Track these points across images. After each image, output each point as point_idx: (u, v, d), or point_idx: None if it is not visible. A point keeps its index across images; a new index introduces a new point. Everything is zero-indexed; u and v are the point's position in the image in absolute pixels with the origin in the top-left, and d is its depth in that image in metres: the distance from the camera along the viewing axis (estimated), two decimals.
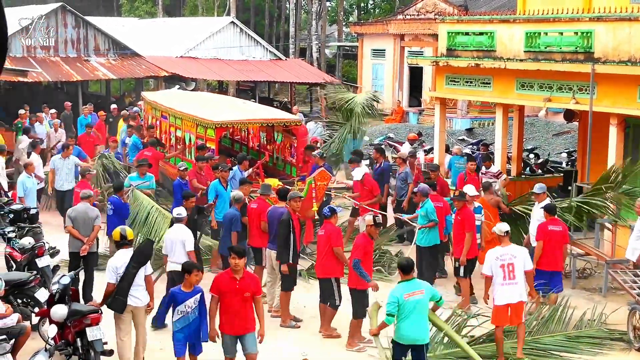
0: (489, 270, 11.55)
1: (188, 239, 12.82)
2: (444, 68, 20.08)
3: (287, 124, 19.10)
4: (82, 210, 14.25)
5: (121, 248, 11.41)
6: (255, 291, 10.24)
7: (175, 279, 12.51)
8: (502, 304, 11.41)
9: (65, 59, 31.06)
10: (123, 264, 11.08)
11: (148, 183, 17.14)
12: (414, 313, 10.07)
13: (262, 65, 37.32)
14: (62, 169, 18.81)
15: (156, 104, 21.89)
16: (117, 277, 11.05)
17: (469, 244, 13.93)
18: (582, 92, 16.49)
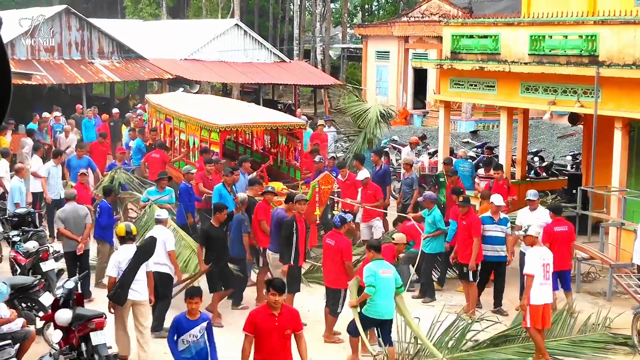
0: (532, 269, 11.53)
1: (168, 240, 12.88)
2: (448, 71, 20.07)
3: (292, 128, 19.09)
4: (71, 210, 14.49)
5: (125, 243, 11.99)
6: (296, 327, 9.00)
7: (157, 280, 12.50)
8: (539, 304, 11.47)
9: (69, 62, 31.10)
10: (125, 259, 11.52)
11: (167, 197, 16.19)
12: (385, 290, 11.05)
13: (266, 67, 37.34)
14: (55, 176, 18.51)
15: (160, 107, 21.90)
16: (119, 271, 11.50)
17: (477, 249, 13.88)
18: (587, 96, 16.48)
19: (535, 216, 14.12)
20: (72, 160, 19.53)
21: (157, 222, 13.17)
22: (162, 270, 12.72)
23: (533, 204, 14.51)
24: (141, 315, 11.74)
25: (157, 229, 13.02)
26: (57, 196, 18.12)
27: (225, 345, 11.01)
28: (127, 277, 11.45)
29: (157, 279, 12.59)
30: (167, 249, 12.78)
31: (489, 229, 14.06)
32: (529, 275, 11.57)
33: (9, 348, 9.80)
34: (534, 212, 14.34)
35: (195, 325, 9.49)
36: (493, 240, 14.04)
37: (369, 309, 11.08)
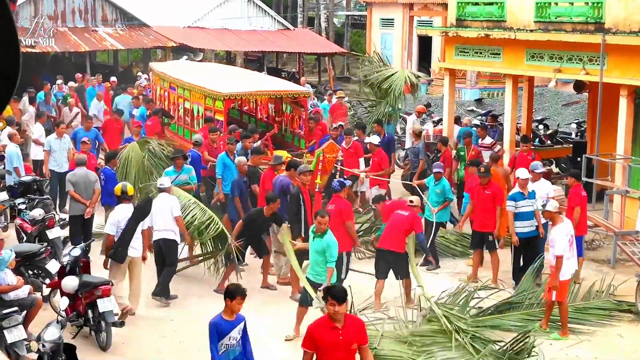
0: (561, 248, 11.39)
1: (175, 205, 12.96)
2: (454, 38, 19.98)
3: (296, 96, 19.06)
4: (82, 174, 14.68)
5: (121, 203, 12.46)
6: (362, 339, 7.78)
7: (163, 247, 12.75)
8: (568, 278, 11.53)
9: (73, 29, 31.01)
10: (124, 218, 12.05)
11: (187, 177, 15.17)
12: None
13: (270, 35, 37.19)
14: (59, 149, 17.88)
15: (164, 75, 21.85)
16: (117, 229, 12.00)
17: (500, 217, 13.85)
18: (593, 63, 16.41)
19: (535, 187, 13.97)
20: (79, 133, 19.04)
21: (160, 190, 13.19)
22: (169, 236, 12.81)
23: (536, 177, 14.35)
24: (136, 269, 12.30)
25: (161, 197, 13.07)
26: (61, 169, 17.55)
27: None
28: (127, 235, 11.95)
29: (163, 245, 12.76)
30: (174, 215, 12.85)
31: (521, 205, 13.48)
32: (559, 256, 11.39)
33: (16, 315, 9.87)
34: (534, 184, 14.15)
35: (234, 327, 8.48)
36: (525, 216, 13.49)
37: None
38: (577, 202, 13.63)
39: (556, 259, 11.45)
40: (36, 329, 10.12)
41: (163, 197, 13.05)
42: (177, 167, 15.15)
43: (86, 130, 18.94)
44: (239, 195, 14.52)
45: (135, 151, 17.45)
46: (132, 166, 17.05)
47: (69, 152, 17.89)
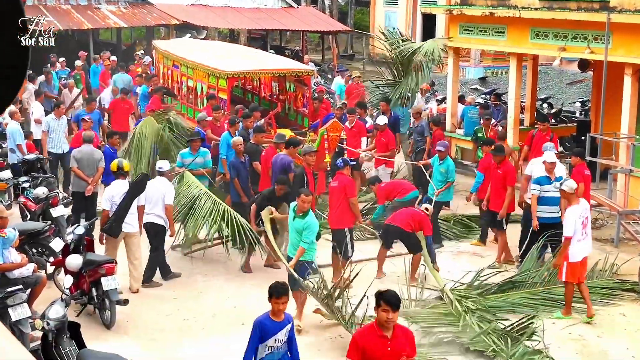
0: (571, 230, 11.26)
1: (168, 192, 12.83)
2: (458, 17, 19.90)
3: (300, 74, 19.02)
4: (87, 151, 14.70)
5: (117, 178, 12.71)
6: (411, 352, 7.26)
7: (151, 231, 12.75)
8: (578, 260, 11.38)
9: (75, 7, 30.88)
10: (118, 194, 12.31)
11: (202, 160, 14.75)
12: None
13: (273, 13, 37.03)
14: (57, 130, 17.56)
15: (168, 53, 21.79)
16: (112, 204, 12.26)
17: (510, 197, 13.81)
18: (597, 42, 16.36)
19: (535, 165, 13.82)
20: (81, 114, 18.30)
21: (159, 174, 13.11)
22: (157, 221, 12.76)
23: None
24: (133, 245, 12.42)
25: (157, 181, 13.02)
26: (59, 150, 17.44)
27: None
28: (122, 211, 12.20)
29: (150, 229, 12.78)
30: (165, 202, 12.74)
31: (546, 189, 13.07)
32: (567, 237, 11.29)
33: (20, 293, 9.90)
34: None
35: (281, 329, 7.88)
36: (550, 201, 13.05)
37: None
38: (580, 180, 13.55)
39: (564, 239, 11.38)
40: (40, 307, 10.16)
41: (158, 181, 12.97)
42: (193, 149, 14.72)
43: (89, 112, 18.41)
44: (236, 176, 14.47)
45: (151, 125, 16.68)
46: (147, 141, 16.35)
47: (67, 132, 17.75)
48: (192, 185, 13.82)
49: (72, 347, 8.97)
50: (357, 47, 45.30)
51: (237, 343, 9.88)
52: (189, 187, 13.83)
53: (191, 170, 14.28)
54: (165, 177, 13.06)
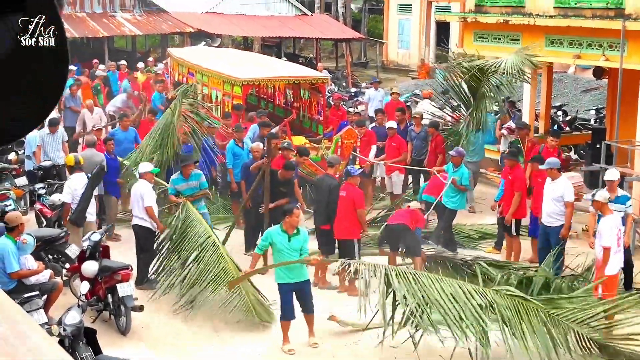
0: (609, 240, 11.05)
1: (146, 194, 12.89)
2: (472, 24, 19.90)
3: (314, 82, 19.07)
4: (89, 155, 14.78)
5: (74, 172, 13.61)
6: None
7: (138, 233, 12.96)
8: (616, 272, 11.27)
9: (91, 15, 31.09)
10: (79, 186, 13.15)
11: (197, 183, 13.85)
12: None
13: (287, 20, 37.15)
14: (51, 144, 17.09)
15: (183, 61, 21.90)
16: (72, 197, 13.10)
17: (516, 203, 13.82)
18: (612, 49, 16.31)
19: (551, 187, 13.14)
20: (117, 134, 17.25)
21: (139, 176, 13.24)
22: (143, 224, 12.89)
23: (551, 174, 13.18)
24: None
25: (137, 183, 13.17)
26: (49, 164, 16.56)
27: None
28: (85, 202, 13.11)
29: (138, 231, 12.96)
30: (144, 204, 12.81)
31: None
32: (606, 247, 11.07)
33: (36, 299, 9.96)
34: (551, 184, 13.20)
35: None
36: None
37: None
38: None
39: (603, 250, 11.12)
40: (57, 313, 10.21)
41: (138, 184, 13.12)
42: (185, 175, 13.77)
43: (123, 130, 17.31)
44: (245, 179, 14.52)
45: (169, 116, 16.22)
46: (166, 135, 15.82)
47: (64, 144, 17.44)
48: (196, 224, 12.90)
49: (88, 353, 9.02)
50: (370, 55, 45.35)
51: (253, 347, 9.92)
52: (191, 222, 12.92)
53: (187, 196, 13.52)
54: (145, 179, 13.10)
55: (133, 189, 13.22)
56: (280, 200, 13.29)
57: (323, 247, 13.16)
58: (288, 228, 10.68)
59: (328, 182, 13.21)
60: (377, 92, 24.69)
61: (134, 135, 17.38)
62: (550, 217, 13.09)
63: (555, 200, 13.01)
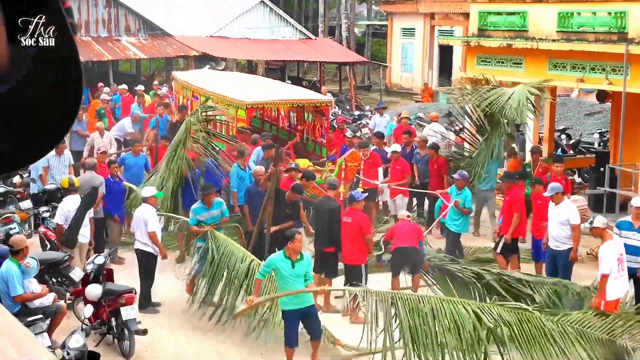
0: (608, 267, 11.02)
1: (150, 219, 12.88)
2: (475, 48, 19.97)
3: (318, 105, 19.13)
4: (88, 178, 14.79)
5: (69, 194, 13.56)
6: None
7: (140, 258, 12.91)
8: (614, 299, 11.20)
9: (96, 39, 31.24)
10: (72, 208, 13.13)
11: (218, 212, 13.32)
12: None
13: (291, 44, 37.32)
14: (57, 166, 16.99)
15: (187, 84, 21.98)
16: (66, 218, 13.05)
17: (515, 224, 13.90)
18: (616, 73, 16.36)
19: (556, 212, 13.19)
20: (127, 159, 17.19)
21: (143, 200, 13.21)
22: (145, 249, 12.89)
23: (554, 199, 13.26)
24: (82, 254, 13.18)
25: (141, 208, 13.15)
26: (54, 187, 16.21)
27: None
28: (77, 223, 13.07)
29: (140, 256, 12.95)
30: (148, 229, 12.79)
31: (628, 236, 12.18)
32: (604, 275, 11.06)
33: (40, 322, 9.96)
34: (556, 208, 13.28)
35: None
36: (632, 250, 11.99)
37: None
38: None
39: (600, 277, 11.16)
40: (60, 337, 10.20)
41: (142, 209, 13.10)
42: (207, 203, 13.29)
43: (135, 155, 17.11)
44: (248, 203, 14.48)
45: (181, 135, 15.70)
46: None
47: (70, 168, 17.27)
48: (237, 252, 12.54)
49: None
50: (374, 78, 45.50)
51: None
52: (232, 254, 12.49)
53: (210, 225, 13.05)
54: (149, 204, 13.08)
55: (136, 212, 13.24)
56: (285, 224, 13.25)
57: (325, 269, 13.09)
58: (291, 254, 10.49)
59: (329, 205, 13.24)
60: (382, 117, 24.35)
61: (145, 161, 17.21)
62: (556, 241, 13.14)
63: (561, 224, 13.07)
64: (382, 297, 10.41)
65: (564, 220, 13.03)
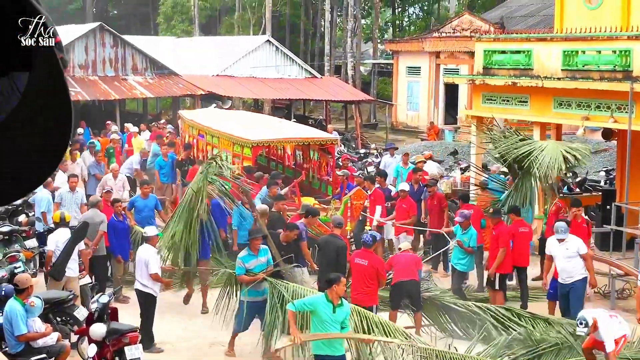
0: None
1: (152, 260, 12.76)
2: (481, 86, 20.03)
3: (323, 143, 19.17)
4: (90, 216, 14.81)
5: (60, 228, 13.79)
6: None
7: (139, 298, 12.84)
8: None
9: (103, 78, 31.42)
10: (62, 240, 13.27)
11: (265, 259, 12.45)
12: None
13: (297, 83, 37.52)
14: (69, 204, 16.89)
15: (193, 123, 22.08)
16: (56, 248, 13.24)
17: (501, 258, 14.06)
18: (621, 111, 16.37)
19: (564, 247, 13.22)
20: (137, 201, 16.72)
21: (145, 240, 13.14)
22: (144, 290, 12.80)
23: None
24: (73, 288, 13.00)
25: (143, 248, 13.05)
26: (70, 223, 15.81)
27: None
28: (65, 256, 13.08)
29: (139, 296, 12.89)
30: (150, 271, 12.68)
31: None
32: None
33: None
34: (562, 244, 13.24)
35: None
36: None
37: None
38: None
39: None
40: None
41: (143, 249, 13.00)
42: (254, 249, 12.45)
43: (144, 197, 16.66)
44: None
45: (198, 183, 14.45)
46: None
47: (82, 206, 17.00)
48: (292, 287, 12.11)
49: None
50: (380, 116, 45.68)
51: None
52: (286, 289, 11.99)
53: (256, 274, 12.20)
54: (149, 244, 13.00)
55: (138, 253, 13.16)
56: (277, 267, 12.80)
57: None
58: (334, 298, 10.13)
59: (334, 243, 13.16)
60: (393, 158, 23.49)
61: (155, 203, 16.74)
62: (569, 274, 13.20)
63: (571, 257, 13.13)
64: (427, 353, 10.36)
65: (574, 253, 13.13)
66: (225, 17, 60.05)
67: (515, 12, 42.40)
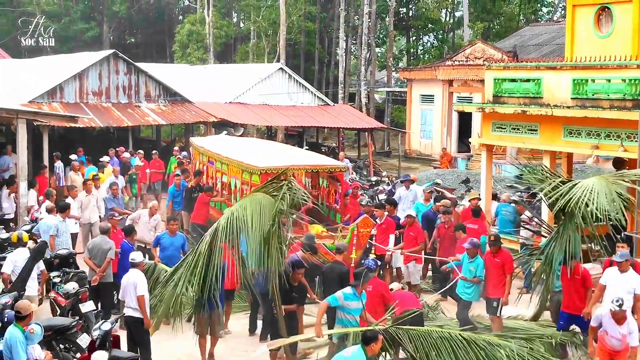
0: None
1: (140, 283, 12.68)
2: (491, 114, 19.99)
3: (332, 170, 19.14)
4: (98, 242, 15.13)
5: (17, 248, 14.62)
6: None
7: (129, 324, 12.72)
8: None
9: (116, 105, 31.52)
10: (20, 260, 14.04)
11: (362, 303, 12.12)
12: None
13: (310, 110, 37.55)
14: (63, 233, 17.09)
15: (203, 150, 22.11)
16: (13, 268, 13.95)
17: (509, 285, 14.15)
18: (631, 140, 16.30)
19: (624, 280, 12.91)
20: (163, 238, 15.93)
21: (132, 265, 13.04)
22: (135, 314, 12.69)
23: (622, 266, 12.99)
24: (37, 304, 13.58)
25: (130, 273, 12.96)
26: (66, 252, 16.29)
27: None
28: (25, 275, 13.71)
29: (129, 322, 12.76)
30: (137, 293, 12.60)
31: None
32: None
33: None
34: (623, 275, 12.97)
35: None
36: None
37: None
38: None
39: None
40: None
41: (132, 274, 12.91)
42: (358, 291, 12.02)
43: (171, 235, 15.87)
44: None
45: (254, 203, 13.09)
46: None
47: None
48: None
49: None
50: (393, 144, 45.68)
51: None
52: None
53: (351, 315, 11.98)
54: (137, 269, 12.93)
55: (125, 278, 12.93)
56: (290, 306, 12.87)
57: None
58: (371, 355, 9.91)
59: (338, 269, 13.18)
60: (409, 191, 21.59)
61: (182, 242, 15.75)
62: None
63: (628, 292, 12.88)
64: None
65: (632, 289, 12.86)
66: (240, 45, 60.37)
67: (528, 41, 42.43)
